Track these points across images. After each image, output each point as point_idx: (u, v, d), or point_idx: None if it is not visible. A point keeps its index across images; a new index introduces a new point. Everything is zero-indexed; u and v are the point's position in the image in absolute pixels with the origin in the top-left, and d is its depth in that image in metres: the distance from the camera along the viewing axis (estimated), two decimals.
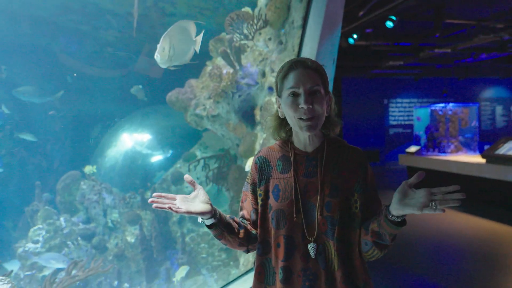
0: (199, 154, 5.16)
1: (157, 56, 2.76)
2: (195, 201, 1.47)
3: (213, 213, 1.49)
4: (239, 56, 4.01)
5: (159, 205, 1.40)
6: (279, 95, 1.57)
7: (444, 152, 10.69)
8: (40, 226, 4.82)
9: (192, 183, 1.50)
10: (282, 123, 1.63)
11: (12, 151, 6.81)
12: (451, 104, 10.88)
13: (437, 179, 9.71)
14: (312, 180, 1.54)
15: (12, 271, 3.23)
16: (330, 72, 4.62)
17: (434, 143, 11.01)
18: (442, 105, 10.94)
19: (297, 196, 1.53)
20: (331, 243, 1.50)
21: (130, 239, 4.79)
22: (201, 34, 2.98)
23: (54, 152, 6.61)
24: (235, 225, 1.60)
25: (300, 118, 1.49)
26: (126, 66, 6.96)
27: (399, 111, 15.85)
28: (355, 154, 1.60)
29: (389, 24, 7.19)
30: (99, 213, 4.92)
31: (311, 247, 1.51)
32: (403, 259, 5.38)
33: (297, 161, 1.59)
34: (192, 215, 1.44)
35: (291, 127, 1.60)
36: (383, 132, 15.56)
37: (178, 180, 5.04)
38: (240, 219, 1.68)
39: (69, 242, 4.73)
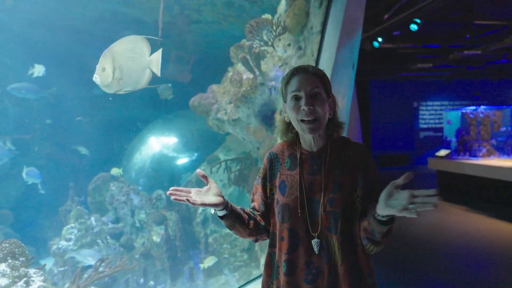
0: (222, 156, 5.31)
1: (96, 78, 2.28)
2: (208, 194, 1.57)
3: (225, 205, 1.60)
4: (258, 62, 4.13)
5: (178, 198, 1.52)
6: (285, 101, 1.66)
7: (475, 156, 10.42)
8: (73, 225, 5.10)
9: (204, 177, 1.61)
10: (288, 127, 1.72)
11: (50, 156, 7.20)
12: (482, 107, 10.61)
13: (468, 184, 9.49)
14: (317, 178, 1.62)
15: (45, 265, 3.47)
16: (349, 77, 4.67)
17: (465, 147, 10.76)
18: (473, 107, 10.67)
19: (302, 193, 1.61)
20: (334, 237, 1.56)
21: (156, 238, 4.98)
22: (159, 53, 2.53)
23: (87, 155, 6.93)
24: (246, 216, 1.70)
25: (302, 120, 1.57)
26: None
27: (430, 114, 15.54)
28: (356, 150, 1.65)
29: (414, 27, 7.14)
30: (127, 213, 5.14)
31: (314, 242, 1.57)
32: (431, 264, 5.33)
33: (303, 160, 1.67)
34: (206, 207, 1.56)
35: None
36: (413, 136, 15.28)
37: (202, 182, 5.19)
38: (251, 210, 1.77)
39: (99, 241, 4.97)
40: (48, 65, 6.93)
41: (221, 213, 1.63)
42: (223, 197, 1.60)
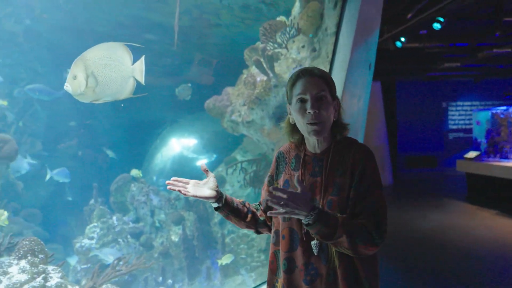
0: (239, 158, 5.38)
1: (66, 87, 2.15)
2: (204, 187, 1.68)
3: (217, 199, 1.70)
4: (272, 64, 4.16)
5: (172, 187, 1.66)
6: (289, 103, 1.67)
7: (506, 158, 10.07)
8: (95, 224, 5.28)
9: (205, 171, 1.73)
10: (293, 129, 1.72)
11: (77, 157, 7.46)
12: None
13: (498, 187, 9.17)
14: (317, 179, 1.63)
15: (63, 262, 3.61)
16: (365, 78, 4.63)
17: (496, 148, 10.41)
18: (503, 107, 10.32)
19: None
20: None
21: (174, 238, 5.09)
22: (142, 61, 2.44)
23: (110, 156, 7.15)
24: (244, 209, 1.79)
25: (308, 123, 1.58)
26: (178, 75, 7.36)
27: (459, 115, 15.09)
28: (357, 153, 1.62)
29: (437, 26, 6.98)
30: (146, 213, 5.28)
31: (314, 244, 1.58)
32: (460, 270, 5.20)
33: (306, 161, 1.69)
34: (197, 198, 1.67)
35: None
36: (441, 137, 14.88)
37: (219, 182, 5.26)
38: (256, 204, 1.87)
39: (119, 239, 5.12)
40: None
41: (214, 205, 1.74)
42: (218, 191, 1.70)
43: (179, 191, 1.65)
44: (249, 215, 1.79)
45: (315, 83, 1.59)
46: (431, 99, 14.80)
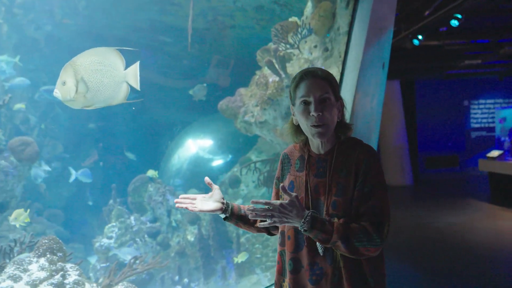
0: (254, 158, 5.42)
1: (56, 93, 2.12)
2: (210, 200, 1.75)
3: (224, 210, 1.76)
4: (284, 65, 4.19)
5: (180, 205, 1.76)
6: (293, 104, 1.68)
7: None
8: (114, 223, 5.40)
9: (210, 184, 1.79)
10: (297, 130, 1.73)
11: (98, 160, 7.64)
12: None
13: None
14: (322, 180, 1.64)
15: (81, 260, 3.71)
16: (379, 77, 4.60)
17: None
18: None
19: (307, 194, 1.65)
20: None
21: (190, 238, 5.16)
22: (136, 66, 2.38)
23: (129, 157, 7.30)
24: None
25: (312, 126, 1.59)
26: (195, 77, 7.45)
27: (482, 113, 14.74)
28: (361, 154, 1.63)
29: (454, 22, 6.86)
30: (163, 213, 5.37)
31: (319, 244, 1.59)
32: (483, 271, 5.11)
33: (310, 162, 1.69)
34: (204, 212, 1.76)
35: None
36: (463, 136, 14.57)
37: (234, 183, 5.33)
38: None
39: (137, 239, 5.23)
40: None
41: (221, 216, 1.80)
42: (223, 202, 1.77)
43: (187, 208, 1.73)
44: (258, 220, 1.78)
45: (319, 85, 1.60)
46: (452, 97, 14.50)
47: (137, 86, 2.39)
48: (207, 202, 1.74)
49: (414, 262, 5.62)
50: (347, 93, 4.19)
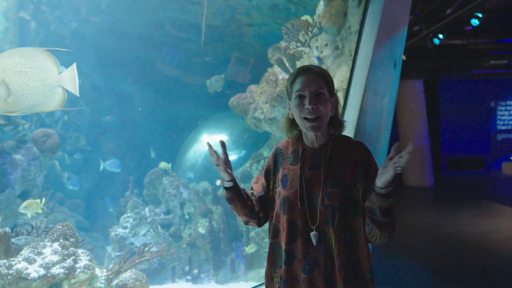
0: (266, 154, 5.50)
1: None
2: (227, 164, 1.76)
3: (233, 178, 1.76)
4: (294, 63, 4.25)
5: (213, 154, 1.75)
6: (289, 98, 1.76)
7: None
8: (129, 214, 5.59)
9: (223, 146, 1.81)
10: (292, 124, 1.79)
11: (117, 151, 7.89)
12: None
13: None
14: (317, 173, 1.70)
15: (93, 247, 3.90)
16: (390, 76, 4.60)
17: None
18: None
19: (302, 186, 1.70)
20: (331, 230, 1.64)
21: (201, 230, 5.29)
22: (73, 69, 2.18)
23: (147, 151, 7.51)
24: (245, 196, 1.83)
25: (306, 118, 1.66)
26: (215, 73, 7.57)
27: (510, 115, 14.33)
28: (357, 149, 1.73)
29: (475, 21, 6.74)
30: (176, 205, 5.53)
31: (313, 235, 1.65)
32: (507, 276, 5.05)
33: (305, 155, 1.75)
34: (224, 172, 1.73)
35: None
36: (488, 138, 14.20)
37: (246, 178, 5.43)
38: (250, 193, 1.89)
39: (151, 230, 5.40)
40: (117, 69, 7.63)
41: (228, 185, 1.77)
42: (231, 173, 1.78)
43: (215, 157, 1.74)
44: (249, 202, 1.83)
45: (314, 80, 1.67)
46: (477, 98, 14.16)
47: (75, 91, 2.17)
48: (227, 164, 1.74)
49: (427, 263, 5.59)
50: (356, 91, 4.21)
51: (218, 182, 1.80)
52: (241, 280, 5.08)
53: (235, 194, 1.78)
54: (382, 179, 1.49)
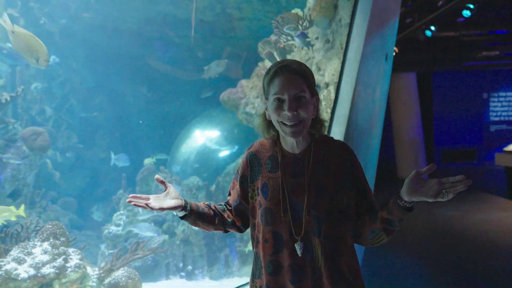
0: None
1: None
2: (167, 198, 1.61)
3: (183, 207, 1.63)
4: (284, 57, 4.22)
5: (137, 203, 1.57)
6: (266, 98, 1.61)
7: None
8: (122, 211, 5.56)
9: (162, 183, 1.64)
10: (270, 124, 1.65)
11: (109, 148, 7.83)
12: None
13: None
14: (299, 181, 1.59)
15: (85, 245, 3.86)
16: (381, 69, 4.58)
17: None
18: None
19: (284, 196, 1.59)
20: (317, 240, 1.56)
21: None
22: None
23: (140, 148, 7.46)
24: (210, 212, 1.72)
25: (285, 124, 1.53)
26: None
27: (502, 106, 14.38)
28: (341, 150, 1.64)
29: (466, 13, 6.71)
30: None
31: (298, 245, 1.57)
32: (493, 267, 5.07)
33: (285, 162, 1.63)
34: (164, 211, 1.60)
35: None
36: (481, 129, 14.25)
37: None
38: (223, 204, 1.80)
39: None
40: (108, 65, 7.56)
41: (180, 214, 1.66)
42: (181, 199, 1.64)
43: (145, 206, 1.56)
44: (217, 218, 1.73)
45: (294, 82, 1.52)
46: (470, 89, 14.19)
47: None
48: (164, 200, 1.61)
49: (421, 256, 5.61)
50: (347, 85, 4.19)
51: (175, 213, 1.69)
52: (235, 275, 5.07)
53: (195, 218, 1.68)
54: (415, 198, 1.45)
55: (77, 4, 6.79)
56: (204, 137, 6.08)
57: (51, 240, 3.40)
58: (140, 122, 7.10)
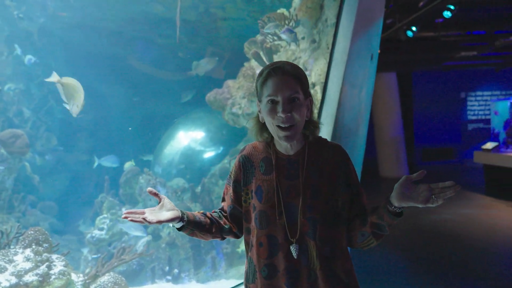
0: None
1: None
2: (163, 210, 1.58)
3: (181, 218, 1.59)
4: (271, 57, 4.20)
5: (134, 219, 1.51)
6: (259, 100, 1.61)
7: None
8: (105, 215, 5.43)
9: (156, 195, 1.61)
10: (263, 127, 1.65)
11: (91, 151, 7.66)
12: None
13: None
14: (294, 183, 1.59)
15: (69, 251, 3.75)
16: (367, 69, 4.61)
17: None
18: None
19: (279, 199, 1.58)
20: (312, 243, 1.55)
21: None
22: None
23: (122, 150, 7.32)
24: (207, 221, 1.69)
25: (278, 126, 1.52)
26: (189, 69, 7.44)
27: (479, 105, 14.74)
28: (335, 153, 1.64)
29: (447, 13, 6.84)
30: (154, 204, 5.39)
31: (293, 248, 1.56)
32: (474, 263, 5.15)
33: (279, 164, 1.62)
34: (162, 223, 1.56)
35: None
36: (459, 128, 14.57)
37: (225, 174, 5.35)
38: (218, 211, 1.78)
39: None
40: (87, 65, 7.39)
41: (178, 225, 1.62)
42: (177, 210, 1.61)
43: (142, 221, 1.51)
44: (214, 226, 1.70)
45: (287, 84, 1.51)
46: (449, 89, 14.50)
47: None
48: (160, 213, 1.57)
49: (407, 253, 5.67)
50: (334, 85, 4.19)
51: (171, 225, 1.65)
52: (222, 278, 5.01)
53: (193, 228, 1.64)
54: (404, 204, 1.46)
55: (56, 3, 6.62)
56: (188, 138, 6.00)
57: (34, 246, 3.28)
58: (130, 129, 6.93)
